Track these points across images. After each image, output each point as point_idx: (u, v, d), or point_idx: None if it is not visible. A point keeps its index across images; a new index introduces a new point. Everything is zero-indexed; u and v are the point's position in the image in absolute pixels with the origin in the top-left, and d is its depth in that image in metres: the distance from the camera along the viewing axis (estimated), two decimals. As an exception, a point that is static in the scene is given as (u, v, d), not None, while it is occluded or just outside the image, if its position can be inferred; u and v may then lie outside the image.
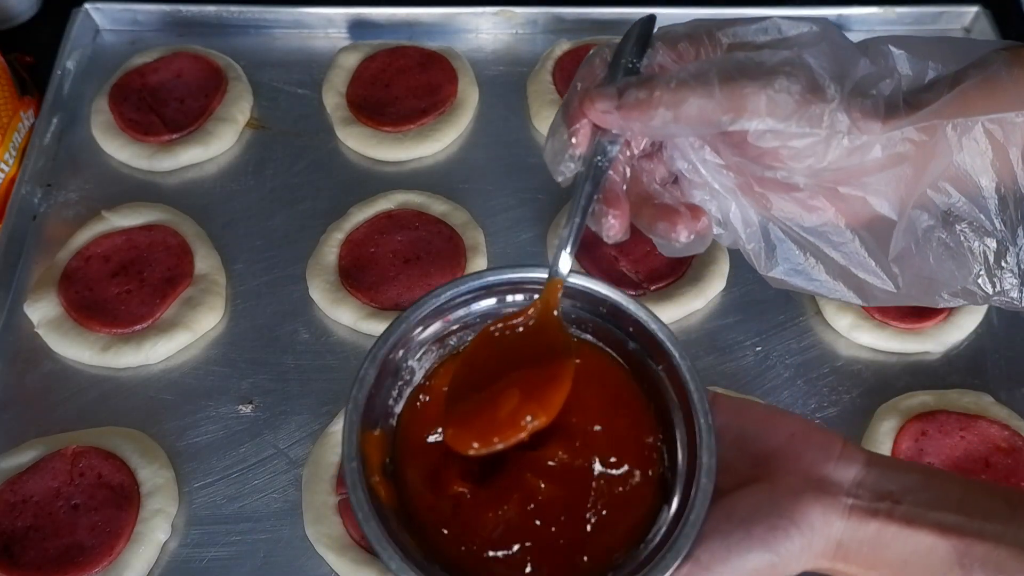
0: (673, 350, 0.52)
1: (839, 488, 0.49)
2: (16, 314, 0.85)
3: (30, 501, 0.73)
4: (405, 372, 0.53)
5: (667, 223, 0.51)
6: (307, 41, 1.05)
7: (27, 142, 0.94)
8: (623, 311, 0.53)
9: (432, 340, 0.53)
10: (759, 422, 0.52)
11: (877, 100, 0.50)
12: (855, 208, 0.53)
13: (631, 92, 0.48)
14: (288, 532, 0.74)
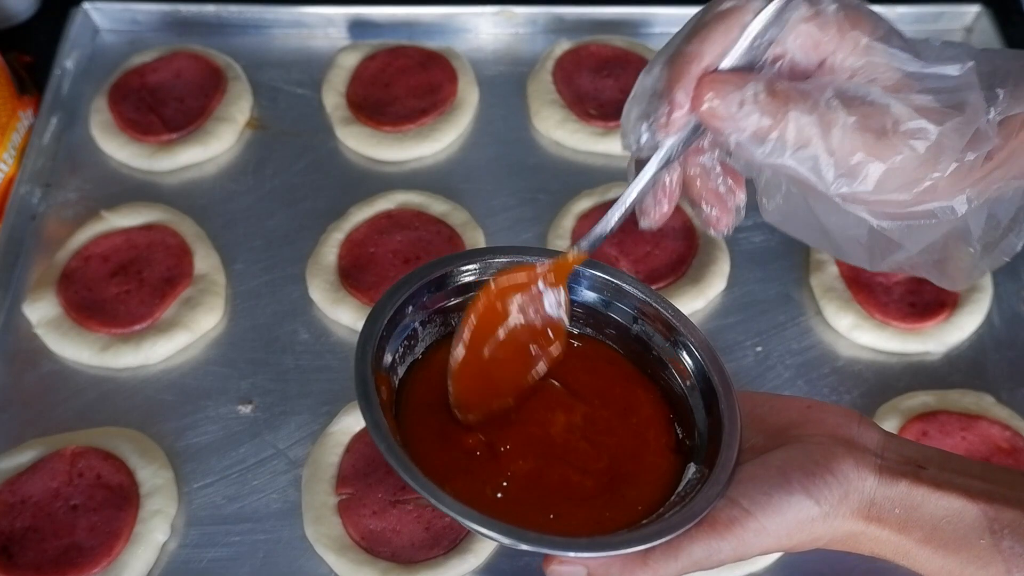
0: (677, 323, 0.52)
1: (866, 448, 0.49)
2: (15, 314, 0.85)
3: (29, 502, 0.73)
4: (411, 334, 0.52)
5: (713, 211, 0.50)
6: (307, 41, 1.05)
7: (26, 142, 0.94)
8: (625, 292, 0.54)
9: (438, 307, 0.53)
10: (768, 403, 0.52)
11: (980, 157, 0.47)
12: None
13: (753, 112, 0.44)
14: (288, 532, 0.74)
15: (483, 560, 0.72)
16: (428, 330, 0.53)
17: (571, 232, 0.88)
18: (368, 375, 0.47)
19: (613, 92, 0.98)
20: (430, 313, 0.53)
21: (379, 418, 0.45)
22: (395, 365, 0.51)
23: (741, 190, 0.51)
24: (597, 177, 0.93)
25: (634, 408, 0.52)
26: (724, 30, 0.45)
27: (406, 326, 0.51)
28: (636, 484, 0.49)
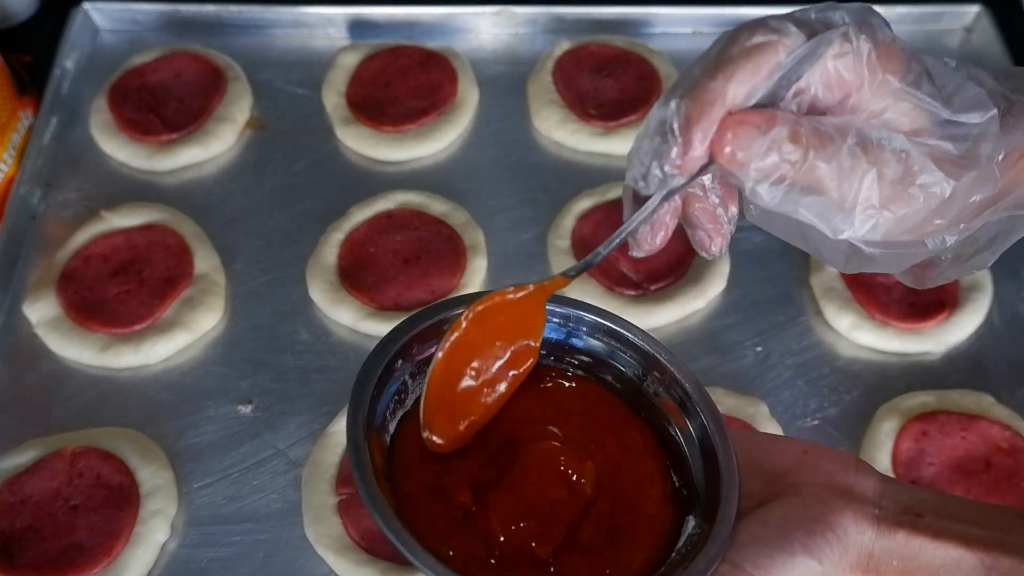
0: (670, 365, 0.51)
1: (864, 497, 0.48)
2: (15, 314, 0.85)
3: (29, 501, 0.73)
4: (401, 387, 0.51)
5: (705, 234, 0.48)
6: (307, 41, 1.05)
7: (26, 142, 0.94)
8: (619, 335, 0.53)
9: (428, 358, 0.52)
10: (764, 445, 0.52)
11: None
12: None
13: (772, 155, 0.41)
14: (288, 532, 0.74)
15: (483, 560, 0.72)
16: (418, 381, 0.52)
17: (571, 232, 0.88)
18: (361, 442, 0.46)
19: (613, 92, 0.98)
20: (419, 364, 0.52)
21: (374, 490, 0.44)
22: (386, 422, 0.50)
23: (733, 203, 0.49)
24: (597, 177, 0.93)
25: (631, 454, 0.51)
26: (752, 68, 0.42)
27: (396, 380, 0.51)
28: (635, 538, 0.48)
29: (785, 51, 0.42)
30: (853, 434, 0.79)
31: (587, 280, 0.85)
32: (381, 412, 0.50)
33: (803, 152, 0.41)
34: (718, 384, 0.81)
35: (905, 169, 0.44)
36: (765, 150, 0.41)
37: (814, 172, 0.42)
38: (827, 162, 0.42)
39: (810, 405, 0.81)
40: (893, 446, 0.77)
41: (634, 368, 0.53)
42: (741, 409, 0.78)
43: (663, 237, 0.48)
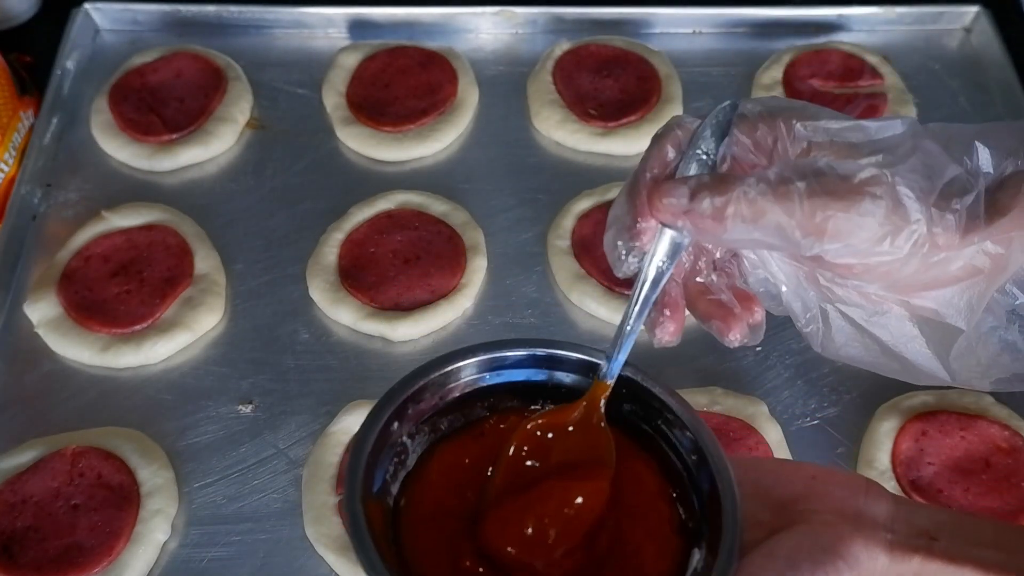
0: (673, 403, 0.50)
1: (875, 523, 0.47)
2: (16, 314, 0.85)
3: (30, 501, 0.73)
4: (400, 448, 0.51)
5: (721, 323, 0.50)
6: (307, 41, 1.05)
7: (27, 142, 0.94)
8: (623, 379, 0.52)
9: (425, 417, 0.52)
10: (773, 472, 0.51)
11: (960, 213, 0.47)
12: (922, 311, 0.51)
13: (704, 197, 0.45)
14: (288, 532, 0.74)
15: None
16: (418, 440, 0.51)
17: (571, 232, 0.88)
18: (358, 511, 0.45)
19: (613, 92, 0.98)
20: (417, 424, 0.51)
21: (374, 559, 0.44)
22: (387, 485, 0.50)
23: (758, 307, 0.51)
24: (597, 177, 0.93)
25: (637, 489, 0.50)
26: (660, 149, 0.49)
27: (394, 443, 0.50)
28: (643, 574, 0.48)
29: (684, 133, 0.49)
30: (853, 434, 0.79)
31: (587, 280, 0.85)
32: (381, 477, 0.49)
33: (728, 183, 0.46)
34: (718, 384, 0.81)
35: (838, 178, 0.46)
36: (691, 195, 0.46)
37: (747, 198, 0.45)
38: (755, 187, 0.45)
39: (810, 405, 0.81)
40: (892, 446, 0.77)
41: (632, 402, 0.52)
42: (741, 409, 0.78)
43: (677, 320, 0.51)
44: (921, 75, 1.03)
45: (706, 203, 0.45)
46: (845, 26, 1.06)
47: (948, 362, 0.52)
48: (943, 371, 0.52)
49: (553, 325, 0.85)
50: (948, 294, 0.50)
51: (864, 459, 0.77)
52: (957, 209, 0.47)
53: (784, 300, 0.52)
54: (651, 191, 0.47)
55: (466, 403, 0.53)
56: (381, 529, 0.47)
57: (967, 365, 0.52)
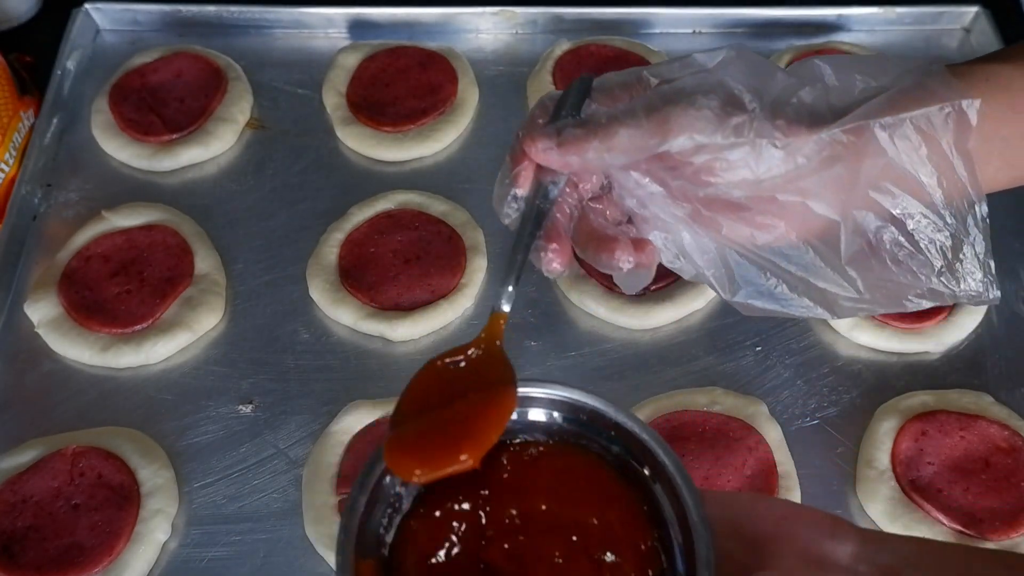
0: (657, 449, 0.50)
1: (838, 566, 0.47)
2: (16, 314, 0.85)
3: (30, 501, 0.73)
4: (393, 498, 0.50)
5: (607, 252, 0.54)
6: (307, 41, 1.05)
7: (27, 142, 0.94)
8: (602, 416, 0.52)
9: None
10: (747, 507, 0.51)
11: (800, 107, 0.52)
12: (802, 219, 0.54)
13: (568, 130, 0.52)
14: (288, 532, 0.74)
15: (483, 559, 0.72)
16: (411, 489, 0.51)
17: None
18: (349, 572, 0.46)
19: (613, 92, 0.98)
20: None
21: None
22: (381, 536, 0.50)
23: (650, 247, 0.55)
24: (597, 177, 0.93)
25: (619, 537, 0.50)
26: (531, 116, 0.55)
27: (387, 496, 0.50)
28: None
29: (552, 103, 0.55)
30: (852, 434, 0.79)
31: (587, 280, 0.85)
32: (373, 531, 0.49)
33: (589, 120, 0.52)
34: (718, 384, 0.81)
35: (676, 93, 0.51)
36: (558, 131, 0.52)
37: (607, 123, 0.51)
38: (613, 112, 0.52)
39: (809, 405, 0.81)
40: (892, 445, 0.77)
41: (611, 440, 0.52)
42: (741, 409, 0.78)
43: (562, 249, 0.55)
44: (921, 75, 1.03)
45: (569, 133, 0.52)
46: (845, 26, 1.06)
47: (844, 270, 0.54)
48: (844, 283, 0.54)
49: (553, 325, 0.85)
50: (811, 184, 0.52)
51: (864, 459, 0.77)
52: (795, 103, 0.51)
53: (684, 247, 0.55)
54: (524, 138, 0.53)
55: None
56: None
57: (869, 278, 0.54)
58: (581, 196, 0.57)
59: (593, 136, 0.51)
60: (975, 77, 0.53)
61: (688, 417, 0.78)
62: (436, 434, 0.49)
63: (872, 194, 0.53)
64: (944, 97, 0.51)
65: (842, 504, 0.76)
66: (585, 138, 0.52)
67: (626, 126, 0.51)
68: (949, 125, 0.52)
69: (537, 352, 0.83)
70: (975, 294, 0.55)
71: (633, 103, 0.52)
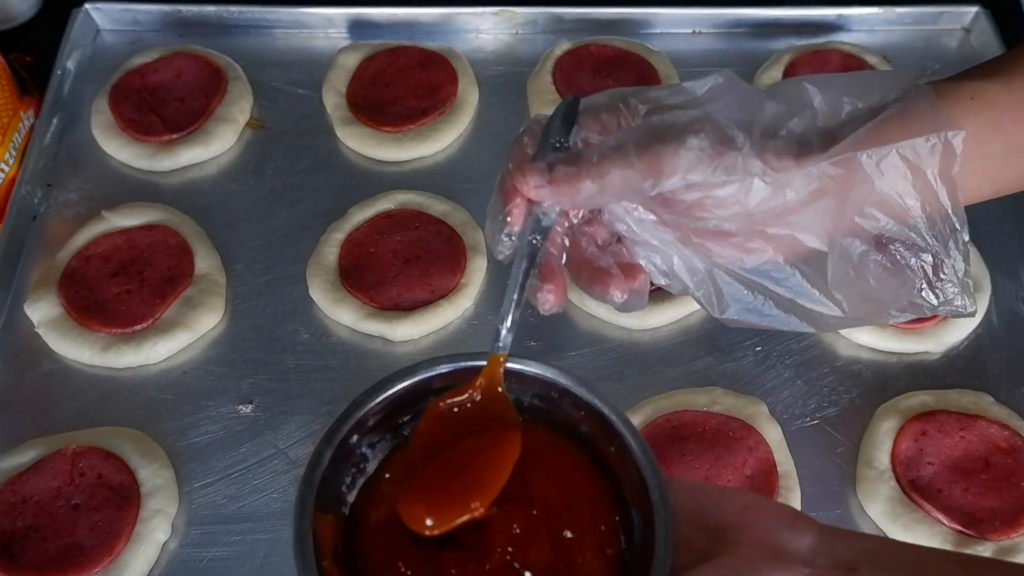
0: (624, 431, 0.50)
1: (795, 557, 0.48)
2: (16, 314, 0.85)
3: (30, 501, 0.73)
4: (358, 458, 0.51)
5: (601, 285, 0.56)
6: (307, 41, 1.05)
7: (27, 142, 0.94)
8: (572, 394, 0.52)
9: (386, 427, 0.52)
10: (713, 497, 0.52)
11: (789, 139, 0.52)
12: (789, 244, 0.55)
13: (559, 168, 0.52)
14: (288, 532, 0.73)
15: (483, 559, 0.72)
16: (379, 448, 0.52)
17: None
18: (306, 530, 0.46)
19: (613, 92, 0.98)
20: (378, 433, 0.52)
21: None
22: (343, 496, 0.50)
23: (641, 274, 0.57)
24: (597, 177, 0.93)
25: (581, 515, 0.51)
26: (518, 144, 0.55)
27: (352, 455, 0.51)
28: None
29: (539, 128, 0.55)
30: (852, 434, 0.79)
31: (587, 280, 0.85)
32: (336, 488, 0.49)
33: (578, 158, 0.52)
34: (718, 384, 0.81)
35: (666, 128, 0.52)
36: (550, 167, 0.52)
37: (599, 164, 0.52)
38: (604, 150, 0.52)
39: (809, 405, 0.81)
40: (892, 445, 0.77)
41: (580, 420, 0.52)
42: (741, 409, 0.78)
43: (557, 287, 0.55)
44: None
45: (560, 171, 0.52)
46: (845, 26, 1.06)
47: (830, 293, 0.56)
48: (830, 304, 0.56)
49: (553, 325, 0.85)
50: (800, 218, 0.53)
51: (864, 459, 0.77)
52: (784, 135, 0.52)
53: (673, 268, 0.57)
54: (515, 174, 0.53)
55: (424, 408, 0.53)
56: (330, 543, 0.48)
57: (854, 297, 0.56)
58: (572, 223, 0.57)
59: (586, 175, 0.52)
60: (961, 95, 0.54)
61: (688, 417, 0.78)
62: (446, 484, 0.49)
63: (858, 220, 0.54)
64: (930, 126, 0.52)
65: (842, 504, 0.76)
66: (577, 177, 0.52)
67: (618, 166, 0.51)
68: (935, 155, 0.52)
69: (537, 352, 0.83)
70: (954, 308, 0.56)
71: (623, 139, 0.52)
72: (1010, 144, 0.54)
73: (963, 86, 0.54)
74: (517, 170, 0.53)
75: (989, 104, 0.54)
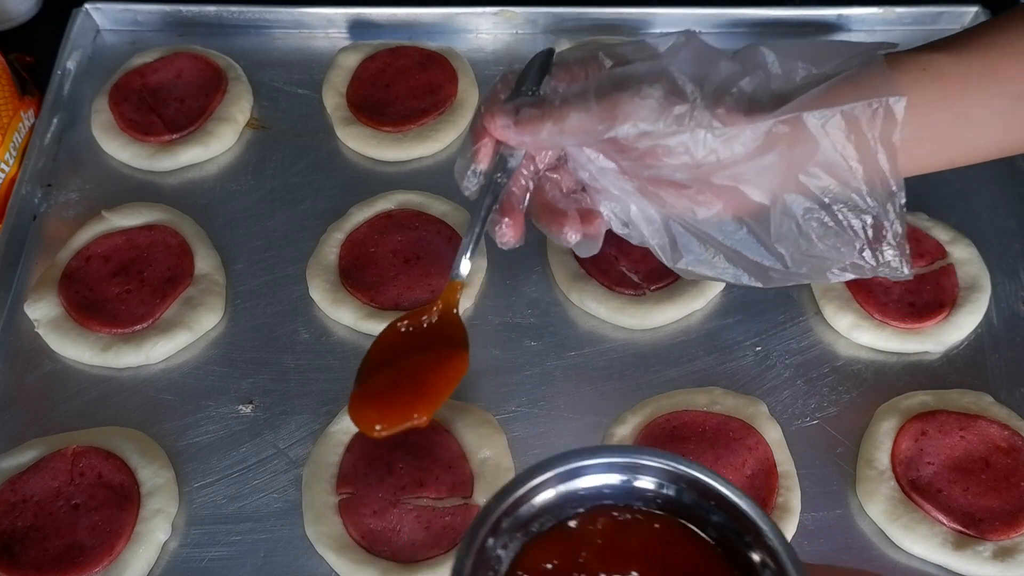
0: (760, 521, 0.51)
1: None
2: (16, 314, 0.85)
3: (30, 501, 0.73)
4: (494, 561, 0.51)
5: (557, 225, 0.60)
6: (307, 41, 1.05)
7: (27, 142, 0.94)
8: (703, 485, 0.52)
9: (516, 527, 0.52)
10: None
11: (740, 97, 0.55)
12: (737, 200, 0.58)
13: (525, 110, 0.57)
14: (288, 532, 0.74)
15: (483, 559, 0.72)
16: (511, 547, 0.52)
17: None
18: None
19: (613, 92, 0.98)
20: (511, 534, 0.52)
21: None
22: None
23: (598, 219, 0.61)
24: (597, 177, 0.93)
25: None
26: (492, 91, 0.61)
27: (488, 559, 0.50)
28: None
29: (513, 77, 0.61)
30: (852, 433, 0.79)
31: (587, 280, 0.85)
32: None
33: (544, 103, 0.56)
34: (718, 384, 0.81)
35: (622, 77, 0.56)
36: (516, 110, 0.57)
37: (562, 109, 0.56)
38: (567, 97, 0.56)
39: (809, 405, 0.81)
40: (892, 445, 0.77)
41: (718, 516, 0.53)
42: (741, 409, 0.78)
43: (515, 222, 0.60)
44: (921, 75, 1.03)
45: (525, 113, 0.57)
46: (845, 26, 1.06)
47: (773, 247, 0.59)
48: (773, 258, 0.60)
49: (553, 325, 0.85)
50: (745, 171, 0.56)
51: (864, 459, 0.77)
52: (735, 92, 0.55)
53: (631, 217, 0.61)
54: (485, 115, 0.58)
55: (556, 505, 0.53)
56: None
57: (796, 253, 0.59)
58: (537, 168, 0.60)
59: (548, 117, 0.56)
60: (912, 66, 0.56)
61: (688, 417, 0.78)
62: (393, 392, 0.55)
63: (802, 178, 0.56)
64: (876, 91, 0.55)
65: (842, 504, 0.76)
66: (540, 119, 0.56)
67: (577, 110, 0.55)
68: (877, 119, 0.55)
69: (537, 352, 0.83)
70: (892, 270, 0.59)
71: (586, 86, 0.56)
72: (958, 115, 0.57)
73: (916, 58, 0.57)
74: (487, 111, 0.58)
75: (939, 76, 0.56)
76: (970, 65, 0.56)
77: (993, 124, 0.57)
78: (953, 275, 0.86)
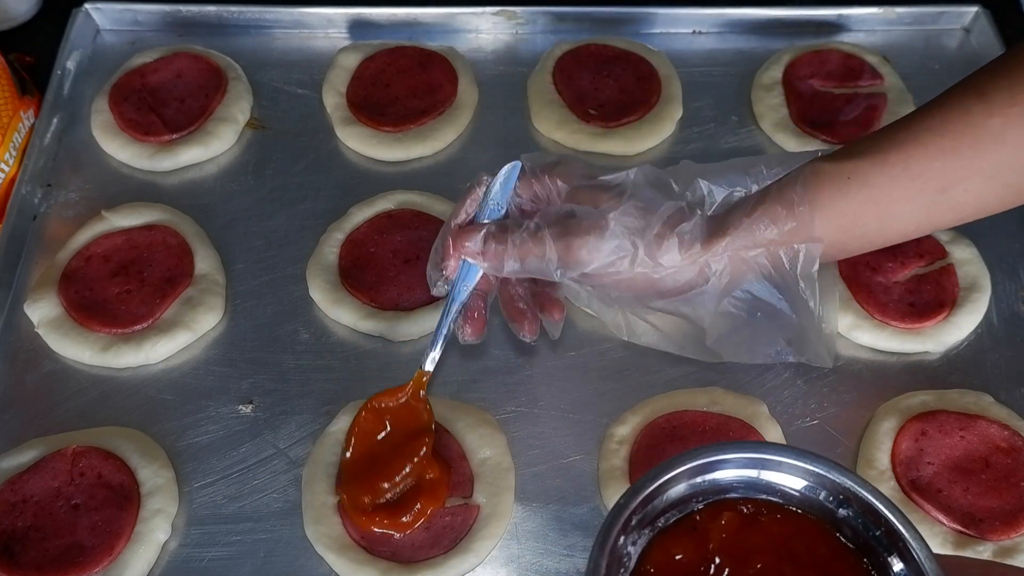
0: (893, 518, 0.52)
1: None
2: (16, 314, 0.85)
3: (30, 501, 0.73)
4: (625, 558, 0.54)
5: (516, 324, 0.68)
6: (307, 41, 1.05)
7: (27, 142, 0.94)
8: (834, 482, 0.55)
9: (646, 522, 0.55)
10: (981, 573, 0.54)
11: (681, 237, 0.63)
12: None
13: (490, 243, 0.65)
14: (288, 532, 0.74)
15: (483, 559, 0.72)
16: (639, 543, 0.55)
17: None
18: None
19: (613, 92, 0.98)
20: (639, 530, 0.54)
21: None
22: None
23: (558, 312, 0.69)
24: (597, 177, 0.93)
25: None
26: (462, 201, 0.69)
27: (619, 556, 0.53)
28: None
29: (482, 188, 0.69)
30: (852, 434, 0.79)
31: (587, 280, 0.85)
32: None
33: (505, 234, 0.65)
34: (718, 384, 0.81)
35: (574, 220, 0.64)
36: (484, 239, 0.66)
37: (516, 243, 0.65)
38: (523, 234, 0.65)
39: (810, 405, 0.81)
40: (892, 445, 0.77)
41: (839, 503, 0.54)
42: (741, 409, 0.78)
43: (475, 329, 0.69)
44: (921, 75, 1.03)
45: (491, 247, 0.65)
46: (845, 26, 1.07)
47: (708, 350, 0.68)
48: (708, 355, 0.68)
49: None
50: (680, 300, 0.65)
51: (864, 459, 0.77)
52: (673, 237, 0.63)
53: (594, 309, 0.70)
54: (455, 236, 0.67)
55: (682, 500, 0.56)
56: None
57: (730, 350, 0.68)
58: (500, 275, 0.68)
59: (511, 255, 0.65)
60: (838, 176, 0.62)
61: (688, 417, 0.78)
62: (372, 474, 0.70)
63: (734, 298, 0.65)
64: (798, 235, 0.62)
65: (842, 504, 0.76)
66: (504, 254, 0.65)
67: (534, 255, 0.64)
68: (798, 259, 0.63)
69: (537, 352, 0.83)
70: (814, 363, 0.68)
71: (541, 227, 0.64)
72: (884, 214, 0.63)
73: (841, 167, 0.63)
74: (457, 235, 0.66)
75: (864, 183, 0.62)
76: (893, 167, 0.61)
77: (918, 214, 0.63)
78: (953, 275, 0.86)
